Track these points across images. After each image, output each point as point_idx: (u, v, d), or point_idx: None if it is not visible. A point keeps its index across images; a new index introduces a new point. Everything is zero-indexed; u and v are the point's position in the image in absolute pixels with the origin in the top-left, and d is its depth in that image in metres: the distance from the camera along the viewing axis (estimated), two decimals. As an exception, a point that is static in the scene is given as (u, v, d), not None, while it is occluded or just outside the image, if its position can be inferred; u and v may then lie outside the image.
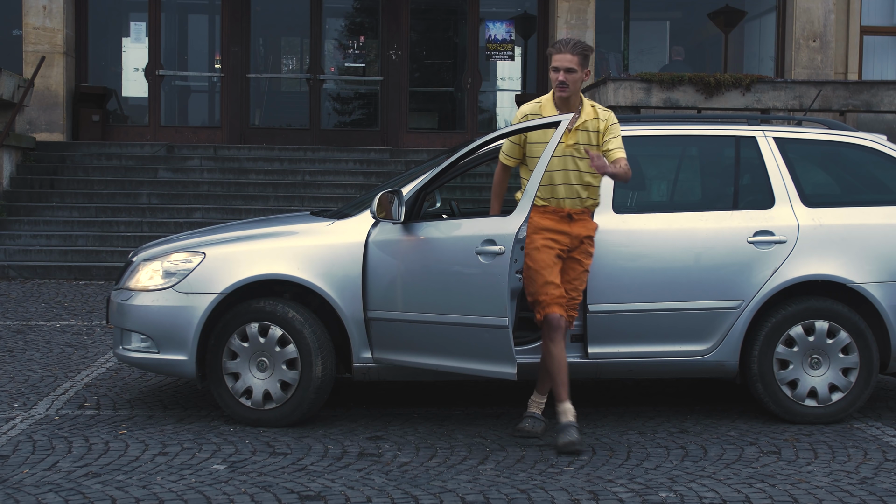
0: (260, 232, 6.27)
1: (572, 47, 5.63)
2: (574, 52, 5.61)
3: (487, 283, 5.42)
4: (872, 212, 6.30)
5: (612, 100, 13.94)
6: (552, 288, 5.56)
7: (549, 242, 5.63)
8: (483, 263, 5.45)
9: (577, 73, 5.62)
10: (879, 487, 4.98)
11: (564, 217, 5.67)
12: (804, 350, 6.10)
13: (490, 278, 5.41)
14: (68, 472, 5.07)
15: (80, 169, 15.27)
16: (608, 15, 18.30)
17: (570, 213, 5.68)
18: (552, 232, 5.64)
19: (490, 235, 5.48)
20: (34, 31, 16.28)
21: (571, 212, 5.68)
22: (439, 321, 5.61)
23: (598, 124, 5.69)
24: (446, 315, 5.58)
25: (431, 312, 5.63)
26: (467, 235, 5.58)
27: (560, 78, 5.63)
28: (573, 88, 5.65)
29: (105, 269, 12.82)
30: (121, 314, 6.12)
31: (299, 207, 14.19)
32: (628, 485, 4.98)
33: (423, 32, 19.04)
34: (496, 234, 5.45)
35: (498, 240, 5.44)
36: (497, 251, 5.42)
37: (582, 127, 5.65)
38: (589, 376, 6.21)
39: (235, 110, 17.60)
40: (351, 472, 5.14)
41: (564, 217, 5.67)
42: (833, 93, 14.38)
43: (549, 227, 5.65)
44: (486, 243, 5.48)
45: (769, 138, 6.38)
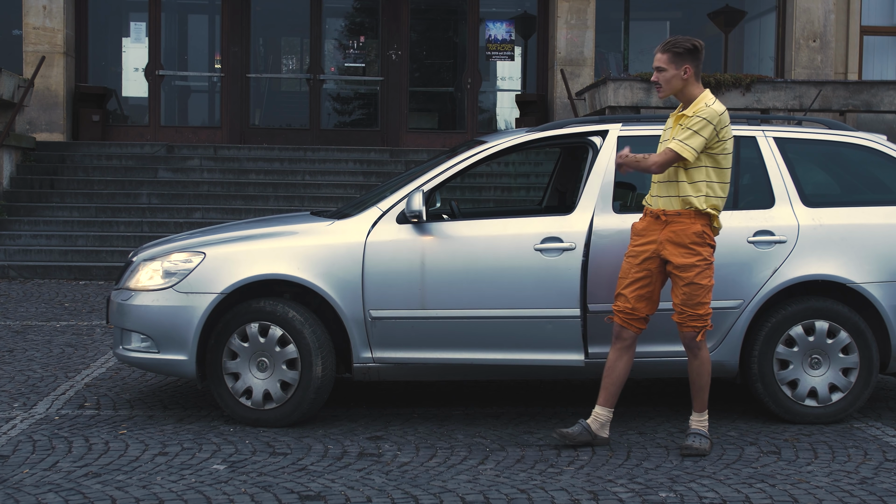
0: (260, 232, 6.27)
1: (662, 46, 5.58)
2: (664, 51, 5.56)
3: (553, 278, 5.82)
4: (872, 212, 6.30)
5: (612, 100, 13.94)
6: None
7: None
8: (546, 259, 5.80)
9: (667, 71, 5.55)
10: (879, 487, 4.98)
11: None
12: (804, 350, 6.10)
13: (556, 273, 5.82)
14: (68, 472, 5.07)
15: (80, 169, 15.27)
16: (608, 15, 18.31)
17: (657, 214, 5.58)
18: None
19: (554, 233, 5.86)
20: (34, 31, 16.29)
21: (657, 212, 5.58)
22: (479, 316, 5.85)
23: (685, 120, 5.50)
24: (491, 310, 5.82)
25: (468, 308, 5.85)
26: (520, 234, 5.92)
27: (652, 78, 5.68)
28: (666, 88, 5.58)
29: (105, 269, 12.82)
30: (121, 314, 6.12)
31: (299, 207, 14.19)
32: (628, 485, 4.98)
33: (423, 32, 19.05)
34: (566, 232, 5.87)
35: (565, 237, 5.86)
36: (566, 247, 5.84)
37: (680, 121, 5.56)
38: (589, 376, 6.21)
39: (235, 110, 17.60)
40: (351, 472, 5.14)
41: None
42: (833, 93, 14.38)
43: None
44: (548, 240, 5.83)
45: (769, 138, 6.38)
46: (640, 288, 5.53)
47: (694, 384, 5.60)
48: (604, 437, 5.60)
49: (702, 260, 5.46)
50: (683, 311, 5.50)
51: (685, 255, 5.45)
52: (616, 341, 5.59)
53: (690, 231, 5.45)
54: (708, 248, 5.50)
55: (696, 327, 5.50)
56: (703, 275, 5.46)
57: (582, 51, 16.94)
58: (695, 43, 5.58)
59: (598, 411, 5.60)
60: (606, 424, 5.61)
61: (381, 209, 6.03)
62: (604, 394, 5.60)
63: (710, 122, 5.42)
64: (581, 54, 16.93)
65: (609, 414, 5.61)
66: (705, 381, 5.58)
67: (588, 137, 6.28)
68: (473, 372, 6.13)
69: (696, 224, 5.45)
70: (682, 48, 5.54)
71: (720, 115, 5.46)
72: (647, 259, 5.53)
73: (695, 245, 5.45)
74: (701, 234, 5.46)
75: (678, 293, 5.51)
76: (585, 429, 5.56)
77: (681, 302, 5.50)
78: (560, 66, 16.77)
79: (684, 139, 5.40)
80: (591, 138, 6.26)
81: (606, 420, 5.60)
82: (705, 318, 5.51)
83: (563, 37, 16.93)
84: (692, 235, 5.45)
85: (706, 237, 5.48)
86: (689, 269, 5.44)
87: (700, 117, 5.43)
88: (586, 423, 5.58)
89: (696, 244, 5.45)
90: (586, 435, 5.56)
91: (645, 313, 5.56)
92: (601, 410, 5.60)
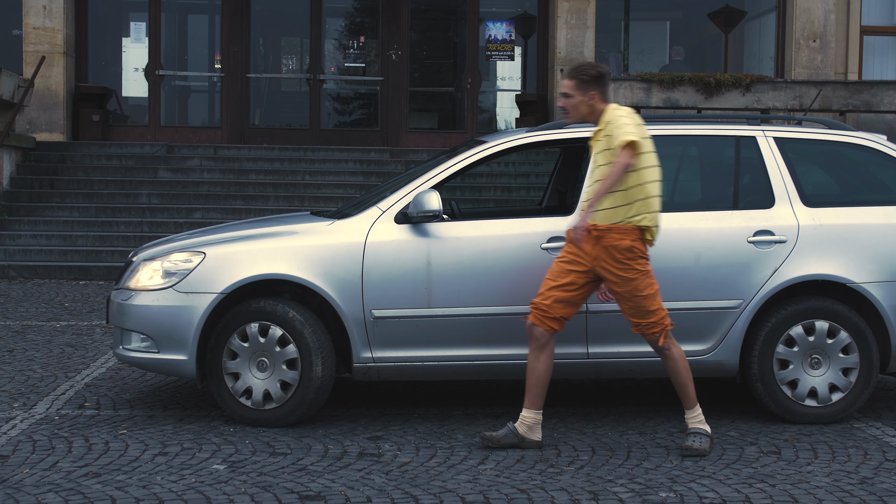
0: (260, 232, 6.27)
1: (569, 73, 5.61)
2: (570, 78, 5.57)
3: None
4: (872, 212, 6.30)
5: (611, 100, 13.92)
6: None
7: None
8: (553, 258, 5.77)
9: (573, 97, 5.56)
10: (879, 487, 4.98)
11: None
12: (804, 350, 6.10)
13: None
14: (68, 472, 5.07)
15: (80, 169, 15.26)
16: (608, 15, 18.30)
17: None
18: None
19: (559, 233, 5.89)
20: (34, 31, 16.28)
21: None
22: (487, 314, 5.90)
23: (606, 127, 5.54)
24: (499, 307, 5.87)
25: (475, 306, 5.90)
26: (527, 233, 5.98)
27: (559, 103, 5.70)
28: (573, 114, 5.62)
29: (105, 269, 12.82)
30: (121, 314, 6.12)
31: (299, 207, 14.19)
32: (628, 485, 4.98)
33: (423, 32, 19.04)
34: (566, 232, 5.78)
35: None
36: None
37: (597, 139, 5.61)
38: (589, 376, 6.22)
39: (235, 110, 17.59)
40: (351, 472, 5.14)
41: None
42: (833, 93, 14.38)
43: None
44: (554, 240, 5.89)
45: (769, 138, 6.38)
46: (564, 291, 5.49)
47: (676, 383, 5.59)
48: (534, 439, 5.55)
49: (637, 273, 5.43)
50: (637, 322, 5.52)
51: (620, 270, 5.42)
52: (531, 341, 5.55)
53: (622, 247, 5.41)
54: (641, 261, 5.46)
55: (655, 333, 5.49)
56: (642, 286, 5.44)
57: (582, 51, 16.94)
58: (600, 70, 5.59)
59: (524, 414, 5.57)
60: (536, 427, 5.56)
61: (382, 209, 6.03)
62: (528, 396, 5.57)
63: (630, 119, 5.42)
64: (581, 54, 16.92)
65: (536, 416, 5.56)
66: (685, 377, 5.56)
67: (587, 138, 6.28)
68: (474, 372, 6.13)
69: (625, 239, 5.42)
70: (587, 75, 5.55)
71: (632, 113, 5.51)
72: (577, 270, 5.50)
73: (628, 261, 5.42)
74: (631, 248, 5.42)
75: (624, 308, 5.53)
76: (512, 431, 5.54)
77: (630, 315, 5.52)
78: (560, 66, 16.76)
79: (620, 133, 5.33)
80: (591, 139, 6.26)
81: (534, 422, 5.56)
82: (661, 322, 5.48)
83: (563, 37, 16.93)
84: (624, 252, 5.41)
85: (637, 251, 5.44)
86: (627, 284, 5.44)
87: (617, 116, 5.46)
88: (513, 426, 5.55)
89: (630, 259, 5.42)
90: (512, 437, 5.53)
91: (560, 314, 5.50)
92: (527, 413, 5.56)
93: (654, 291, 5.49)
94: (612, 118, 5.49)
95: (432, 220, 5.96)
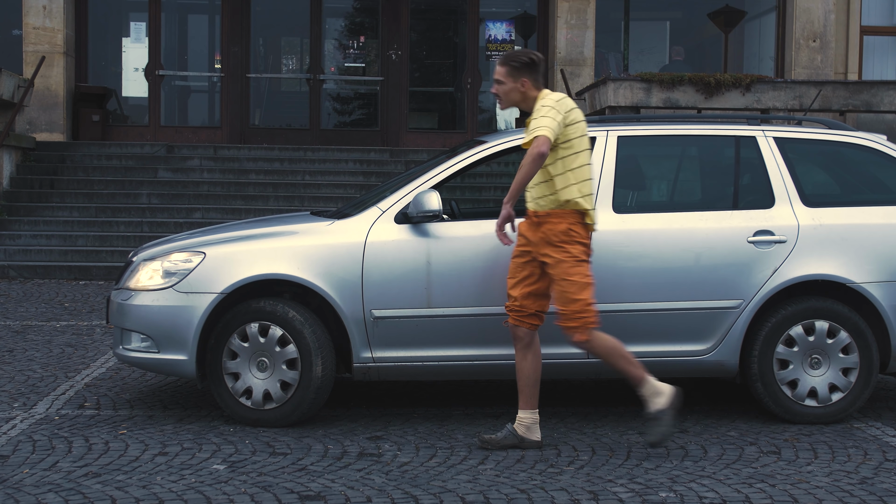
0: (260, 232, 6.27)
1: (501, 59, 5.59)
2: (502, 65, 5.56)
3: None
4: (872, 212, 6.30)
5: (612, 100, 13.94)
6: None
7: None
8: None
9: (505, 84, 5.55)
10: (879, 487, 4.98)
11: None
12: (804, 350, 6.10)
13: None
14: (68, 472, 5.07)
15: (80, 169, 15.26)
16: (608, 15, 18.30)
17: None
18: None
19: None
20: (34, 31, 16.28)
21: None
22: (488, 314, 5.86)
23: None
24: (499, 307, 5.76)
25: (476, 306, 5.89)
26: None
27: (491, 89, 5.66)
28: (505, 100, 5.60)
29: (105, 269, 12.82)
30: (121, 314, 6.12)
31: (299, 207, 14.19)
32: (628, 485, 4.98)
33: (423, 32, 19.04)
34: None
35: None
36: None
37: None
38: (589, 376, 6.21)
39: (235, 110, 17.60)
40: (351, 472, 5.14)
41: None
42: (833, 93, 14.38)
43: None
44: None
45: (769, 138, 6.38)
46: (527, 285, 5.51)
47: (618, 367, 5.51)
48: (534, 439, 5.55)
49: (570, 257, 5.39)
50: (560, 312, 5.46)
51: (554, 252, 5.42)
52: (515, 342, 5.56)
53: (558, 230, 5.41)
54: (578, 246, 5.42)
55: (572, 327, 5.42)
56: (573, 271, 5.39)
57: (582, 51, 16.94)
58: (532, 56, 5.56)
59: (521, 415, 5.57)
60: (534, 426, 5.56)
61: (382, 209, 6.03)
62: (521, 397, 5.57)
63: (551, 107, 5.37)
64: (581, 54, 16.93)
65: (533, 416, 5.56)
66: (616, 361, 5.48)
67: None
68: (474, 372, 6.13)
69: (562, 223, 5.41)
70: (519, 62, 5.53)
71: (559, 100, 5.44)
72: (529, 260, 5.52)
73: (563, 243, 5.40)
74: (567, 231, 5.40)
75: (554, 293, 5.49)
76: (511, 432, 5.54)
77: (557, 301, 5.47)
78: (560, 66, 16.77)
79: (535, 125, 5.34)
80: (591, 139, 6.26)
81: (532, 422, 5.56)
82: (580, 316, 5.39)
83: (563, 37, 16.94)
84: (559, 234, 5.40)
85: (573, 234, 5.40)
86: (558, 266, 5.39)
87: (540, 105, 5.43)
88: (512, 428, 5.56)
89: (564, 242, 5.40)
90: (512, 438, 5.53)
91: (534, 309, 5.51)
92: (524, 414, 5.56)
93: (584, 283, 5.40)
94: (538, 106, 5.46)
95: (432, 220, 5.96)
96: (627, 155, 6.33)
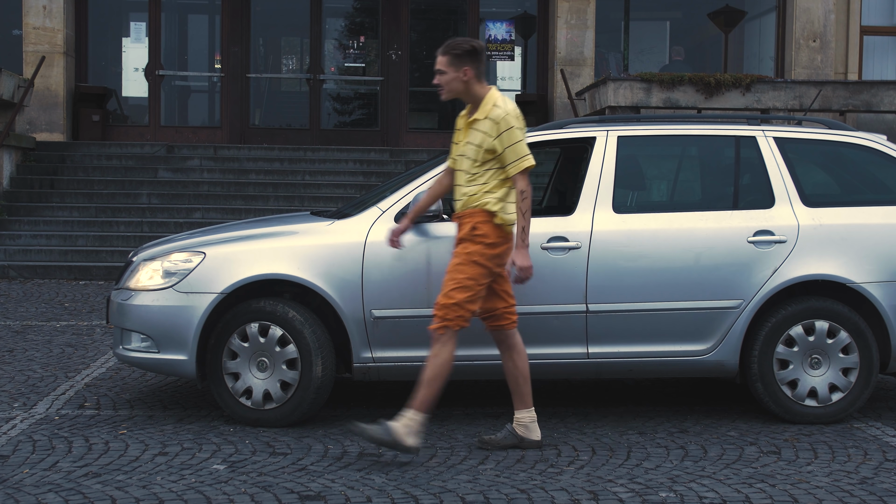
0: (260, 232, 6.27)
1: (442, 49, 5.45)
2: (443, 54, 5.45)
3: (560, 275, 5.93)
4: (872, 212, 6.30)
5: (612, 100, 13.94)
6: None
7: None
8: (553, 257, 5.92)
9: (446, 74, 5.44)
10: (879, 487, 4.98)
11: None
12: (804, 350, 6.10)
13: (563, 270, 5.94)
14: (68, 472, 5.07)
15: (80, 169, 15.27)
16: (608, 15, 18.30)
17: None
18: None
19: (559, 233, 5.96)
20: (34, 31, 16.28)
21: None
22: None
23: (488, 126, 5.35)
24: None
25: None
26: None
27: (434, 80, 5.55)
28: (447, 90, 5.48)
29: (105, 269, 12.82)
30: (121, 314, 6.12)
31: (299, 207, 14.19)
32: (628, 485, 4.98)
33: (423, 32, 19.04)
34: (567, 232, 5.97)
35: (570, 237, 5.97)
36: (571, 246, 5.94)
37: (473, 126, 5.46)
38: (589, 376, 6.21)
39: (235, 110, 17.60)
40: (351, 472, 5.14)
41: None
42: (833, 93, 14.38)
43: None
44: (554, 240, 5.94)
45: (769, 138, 6.38)
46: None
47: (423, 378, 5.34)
48: (534, 439, 5.54)
49: (467, 254, 5.31)
50: (437, 300, 5.35)
51: (459, 244, 5.39)
52: (497, 346, 5.57)
53: (467, 227, 5.36)
54: (478, 246, 5.31)
55: (438, 317, 5.28)
56: (461, 269, 5.29)
57: (582, 51, 16.94)
58: (473, 45, 5.44)
59: (518, 416, 5.55)
60: (532, 425, 5.55)
61: (382, 209, 6.04)
62: (515, 397, 5.57)
63: (513, 127, 5.30)
64: (581, 54, 16.93)
65: (530, 414, 5.55)
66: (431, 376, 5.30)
67: (587, 138, 6.30)
68: (474, 372, 6.13)
69: (473, 221, 5.34)
70: (460, 50, 5.40)
71: (519, 116, 5.36)
72: None
73: (465, 240, 5.36)
74: (473, 228, 5.32)
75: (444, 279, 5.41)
76: (510, 432, 5.54)
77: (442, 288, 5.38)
78: (560, 66, 16.77)
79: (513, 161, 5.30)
80: (591, 139, 6.28)
81: (530, 421, 5.55)
82: (448, 312, 5.26)
83: (563, 37, 16.94)
84: (466, 234, 5.35)
85: (477, 235, 5.31)
86: (456, 257, 5.34)
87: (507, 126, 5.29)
88: (511, 428, 5.55)
89: (466, 240, 5.36)
90: (512, 438, 5.53)
91: (501, 309, 5.46)
92: (520, 414, 5.55)
93: (468, 284, 5.27)
94: (500, 119, 5.31)
95: (432, 220, 5.96)
96: (627, 155, 6.34)
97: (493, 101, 5.39)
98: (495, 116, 5.33)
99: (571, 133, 6.43)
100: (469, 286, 5.31)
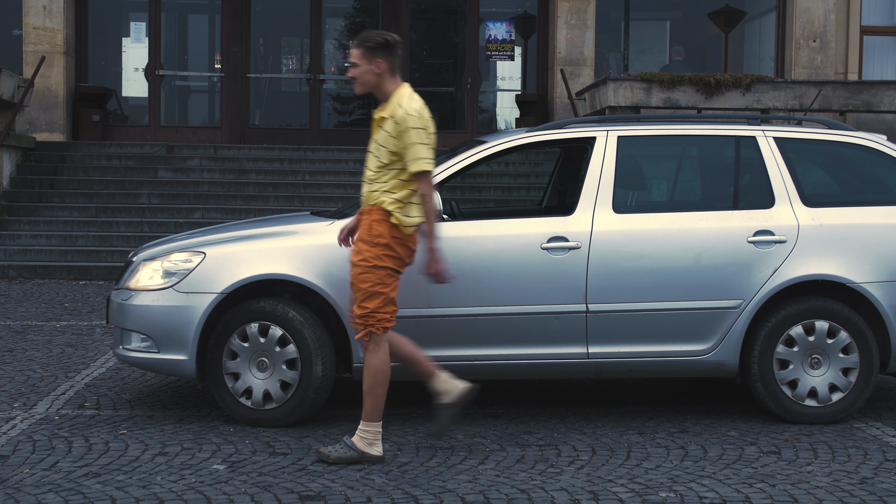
0: (260, 232, 6.27)
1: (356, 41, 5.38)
2: (356, 46, 5.37)
3: (560, 275, 5.93)
4: (872, 212, 6.30)
5: (612, 100, 13.93)
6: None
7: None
8: (554, 258, 5.92)
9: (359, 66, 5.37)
10: (879, 487, 4.98)
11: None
12: (804, 350, 6.10)
13: (563, 270, 5.93)
14: (68, 472, 5.07)
15: (80, 169, 15.27)
16: (608, 15, 18.31)
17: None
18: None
19: (559, 233, 5.95)
20: (34, 31, 16.28)
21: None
22: (487, 314, 5.91)
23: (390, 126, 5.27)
24: (498, 307, 5.89)
25: (475, 306, 5.90)
26: (526, 233, 5.99)
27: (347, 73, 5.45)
28: (360, 83, 5.42)
29: (105, 269, 12.82)
30: (121, 314, 6.12)
31: (299, 207, 14.19)
32: (628, 485, 4.98)
33: (423, 32, 19.05)
34: (567, 232, 5.96)
35: (570, 237, 5.95)
36: (571, 246, 5.93)
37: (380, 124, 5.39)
38: (589, 376, 6.21)
39: (235, 110, 17.60)
40: (351, 472, 5.13)
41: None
42: (833, 93, 14.38)
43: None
44: (554, 240, 5.94)
45: (769, 138, 6.38)
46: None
47: (364, 387, 5.30)
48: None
49: (362, 260, 5.21)
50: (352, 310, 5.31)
51: (354, 251, 5.30)
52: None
53: (364, 227, 5.26)
54: (376, 249, 5.21)
55: (358, 325, 5.25)
56: (363, 278, 5.19)
57: (582, 51, 16.94)
58: (387, 37, 5.37)
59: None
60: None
61: (381, 209, 6.02)
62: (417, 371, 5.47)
63: (412, 128, 5.20)
64: (581, 54, 16.93)
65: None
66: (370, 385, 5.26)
67: (587, 138, 6.30)
68: (474, 372, 6.12)
69: (371, 218, 5.25)
70: (373, 42, 5.33)
71: (420, 115, 5.24)
72: None
73: (362, 242, 5.25)
74: (369, 227, 5.23)
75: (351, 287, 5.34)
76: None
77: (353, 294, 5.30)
78: (560, 66, 16.77)
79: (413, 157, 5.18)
80: (591, 139, 6.28)
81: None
82: (367, 321, 5.22)
83: (563, 37, 16.94)
84: (364, 233, 5.25)
85: (375, 236, 5.20)
86: (353, 268, 5.25)
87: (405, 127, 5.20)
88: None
89: (364, 241, 5.24)
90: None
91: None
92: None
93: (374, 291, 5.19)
94: (401, 119, 5.22)
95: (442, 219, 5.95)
96: (627, 155, 6.34)
97: (399, 99, 5.30)
98: (397, 116, 5.26)
99: (571, 133, 6.43)
100: (376, 292, 5.22)
